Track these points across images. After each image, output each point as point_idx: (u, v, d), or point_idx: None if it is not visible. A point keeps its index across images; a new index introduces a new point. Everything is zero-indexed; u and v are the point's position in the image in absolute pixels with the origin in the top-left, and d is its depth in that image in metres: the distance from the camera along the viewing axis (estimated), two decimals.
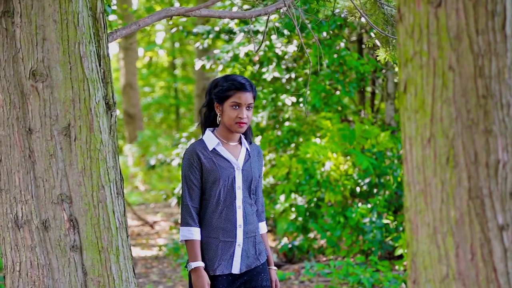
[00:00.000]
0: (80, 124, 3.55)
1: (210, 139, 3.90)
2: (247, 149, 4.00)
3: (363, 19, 4.72)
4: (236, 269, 3.88)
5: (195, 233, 3.84)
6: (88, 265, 3.62)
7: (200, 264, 3.81)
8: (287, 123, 9.66)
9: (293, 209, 8.99)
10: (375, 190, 8.70)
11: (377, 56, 4.98)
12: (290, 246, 8.84)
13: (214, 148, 3.88)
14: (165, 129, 26.30)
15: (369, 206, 8.46)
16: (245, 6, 8.95)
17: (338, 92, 9.24)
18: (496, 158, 2.16)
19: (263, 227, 4.11)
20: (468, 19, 2.16)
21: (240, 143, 4.00)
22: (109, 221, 3.63)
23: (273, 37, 8.99)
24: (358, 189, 8.74)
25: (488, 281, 2.17)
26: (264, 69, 9.34)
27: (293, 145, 9.56)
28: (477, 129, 2.17)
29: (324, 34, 8.84)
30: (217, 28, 9.72)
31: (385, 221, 8.36)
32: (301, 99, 9.07)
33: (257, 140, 9.82)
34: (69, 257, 3.60)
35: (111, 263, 3.63)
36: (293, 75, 9.44)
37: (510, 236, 2.16)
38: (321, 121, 9.15)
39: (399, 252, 7.89)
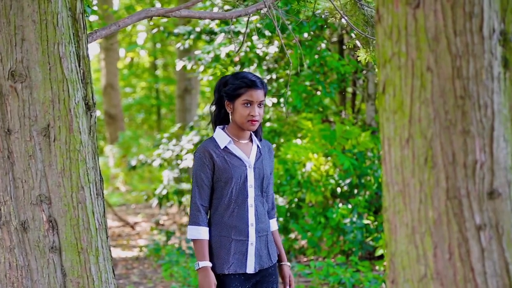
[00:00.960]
0: (60, 124, 3.54)
1: (221, 137, 3.86)
2: (258, 146, 3.96)
3: (343, 20, 4.73)
4: (250, 268, 3.85)
5: (203, 232, 3.80)
6: (67, 266, 3.60)
7: (208, 264, 3.77)
8: (268, 124, 9.67)
9: None
10: (355, 191, 8.72)
11: (358, 57, 4.99)
12: None
13: (225, 146, 3.84)
14: (146, 130, 26.22)
15: (349, 206, 8.48)
16: (226, 7, 8.95)
17: (319, 93, 9.26)
18: (473, 158, 2.18)
19: (274, 224, 4.08)
20: (446, 21, 2.18)
21: (251, 140, 3.96)
22: (89, 222, 3.61)
23: (254, 38, 8.99)
24: (339, 189, 8.76)
25: (466, 280, 2.18)
26: (245, 70, 9.33)
27: (274, 145, 9.57)
28: (455, 129, 2.18)
29: (305, 35, 8.86)
30: (198, 29, 9.70)
31: (365, 221, 8.39)
32: (282, 100, 9.08)
33: None
34: (48, 258, 3.59)
35: (90, 264, 3.62)
36: (274, 76, 9.44)
37: (487, 236, 2.17)
38: (302, 121, 9.16)
39: (379, 252, 7.92)
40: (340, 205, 8.68)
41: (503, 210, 2.19)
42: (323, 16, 7.04)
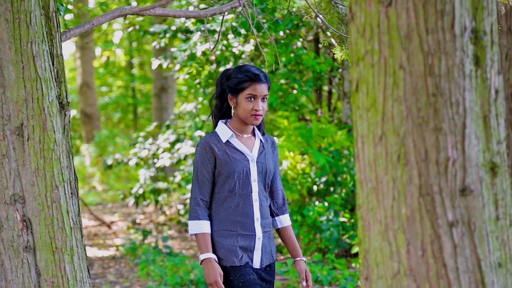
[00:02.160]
0: (33, 123, 3.52)
1: (224, 131, 3.82)
2: (261, 140, 3.91)
3: (318, 18, 4.75)
4: (257, 263, 3.81)
5: (204, 226, 3.74)
6: (41, 265, 3.59)
7: (212, 255, 3.70)
8: None
9: None
10: (332, 189, 8.75)
11: (334, 55, 5.01)
12: None
13: (227, 140, 3.79)
14: (123, 129, 26.14)
15: (326, 204, 8.51)
16: (202, 6, 8.94)
17: (295, 91, 9.27)
18: (445, 155, 2.19)
19: (287, 220, 4.02)
20: (418, 19, 2.19)
21: (254, 134, 3.91)
22: (63, 221, 3.60)
23: (230, 36, 8.99)
24: (315, 187, 8.78)
25: (438, 277, 2.20)
26: (221, 68, 9.32)
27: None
28: (427, 127, 2.20)
29: (281, 33, 8.86)
30: (174, 28, 9.68)
31: (342, 219, 8.42)
32: None
33: None
34: (22, 258, 3.57)
35: (65, 264, 3.60)
36: None
37: (460, 233, 2.19)
38: (278, 120, 9.17)
39: (355, 250, 7.95)
40: (317, 203, 8.70)
41: (475, 206, 2.20)
42: (299, 13, 7.04)
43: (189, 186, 10.97)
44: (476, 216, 2.20)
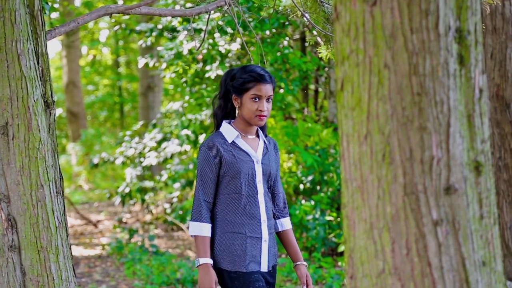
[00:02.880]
0: (18, 122, 3.51)
1: (229, 131, 3.76)
2: (264, 142, 3.87)
3: (304, 17, 4.75)
4: (264, 266, 3.76)
5: (205, 229, 3.67)
6: (27, 265, 3.57)
7: (209, 261, 3.65)
8: None
9: None
10: (318, 187, 8.76)
11: (320, 53, 5.01)
12: None
13: (233, 141, 3.73)
14: (109, 128, 26.09)
15: (312, 203, 8.52)
16: (188, 4, 8.93)
17: (281, 90, 9.28)
18: (430, 154, 2.20)
19: (288, 223, 3.98)
20: (402, 18, 2.19)
21: (258, 136, 3.86)
22: (48, 220, 3.59)
23: (217, 35, 8.99)
24: (301, 186, 8.79)
25: (423, 275, 2.20)
26: (207, 67, 9.33)
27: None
28: (412, 126, 2.20)
29: (267, 32, 8.87)
30: (160, 26, 9.67)
31: (328, 218, 8.43)
32: None
33: (201, 138, 9.80)
34: (7, 257, 3.56)
35: (50, 263, 3.59)
36: None
37: (444, 231, 2.20)
38: None
39: (342, 248, 7.97)
40: (303, 201, 8.71)
41: (460, 205, 2.21)
42: (285, 13, 7.05)
43: (176, 185, 10.97)
44: (460, 215, 2.21)
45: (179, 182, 10.92)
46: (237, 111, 3.79)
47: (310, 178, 8.70)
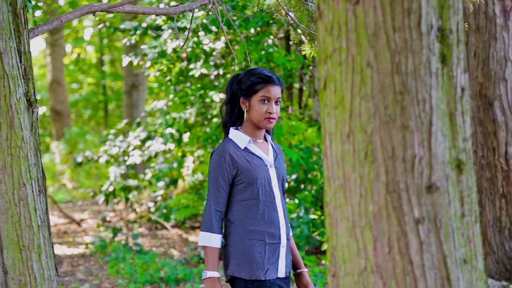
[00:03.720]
0: (1, 120, 3.49)
1: (240, 137, 3.65)
2: (272, 146, 3.79)
3: (289, 16, 4.75)
4: (281, 272, 3.65)
5: (215, 240, 3.56)
6: (8, 264, 3.56)
7: (216, 274, 3.54)
8: (215, 120, 9.66)
9: None
10: (302, 186, 8.77)
11: (304, 52, 5.02)
12: None
13: (245, 147, 3.64)
14: (93, 126, 26.01)
15: (296, 201, 8.53)
16: (172, 3, 8.91)
17: None
18: (412, 153, 2.21)
19: (289, 231, 3.83)
20: (385, 17, 2.20)
21: (266, 140, 3.78)
22: (31, 219, 3.58)
23: (201, 33, 8.98)
24: (285, 184, 8.79)
25: (405, 273, 2.21)
26: (192, 66, 9.32)
27: (221, 141, 9.56)
28: (394, 124, 2.21)
29: (252, 30, 8.87)
30: (144, 25, 9.65)
31: (312, 216, 8.44)
32: None
33: (186, 136, 9.80)
34: None
35: (32, 262, 3.58)
36: (221, 72, 9.44)
37: (426, 229, 2.21)
38: None
39: (325, 247, 7.98)
40: (287, 200, 8.72)
41: (441, 203, 2.22)
42: (269, 11, 7.05)
43: (160, 184, 10.96)
44: (442, 213, 2.22)
45: (163, 181, 10.91)
46: (245, 115, 3.69)
47: (294, 176, 8.71)
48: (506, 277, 6.59)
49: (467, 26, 6.50)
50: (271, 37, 9.32)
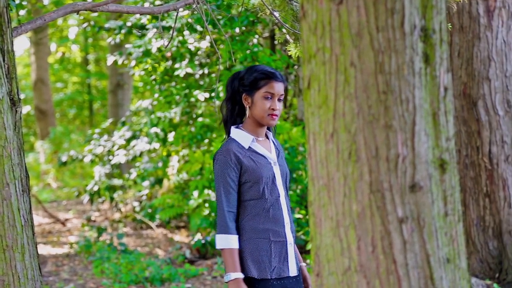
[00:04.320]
0: None
1: (243, 136, 3.60)
2: (274, 143, 3.75)
3: (273, 15, 4.75)
4: (293, 271, 3.62)
5: (232, 241, 3.50)
6: None
7: (241, 275, 3.47)
8: (200, 119, 9.65)
9: (206, 204, 8.99)
10: None
11: (289, 51, 5.02)
12: (203, 241, 8.84)
13: (249, 146, 3.60)
14: (78, 125, 25.91)
15: None
16: (157, 2, 8.90)
17: None
18: (396, 152, 2.21)
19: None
20: (368, 17, 2.21)
21: (267, 137, 3.73)
22: (14, 219, 3.56)
23: (186, 32, 8.96)
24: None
25: (388, 272, 2.22)
26: (177, 65, 9.31)
27: (206, 140, 9.56)
28: (378, 124, 2.22)
29: (237, 30, 8.86)
30: (129, 24, 9.63)
31: (297, 215, 8.45)
32: (213, 95, 9.07)
33: (170, 136, 9.78)
34: None
35: (16, 262, 3.57)
36: (206, 71, 9.43)
37: (409, 229, 2.21)
38: None
39: (310, 246, 7.98)
40: None
41: (424, 202, 2.23)
42: (254, 11, 7.05)
43: (145, 183, 10.94)
44: (425, 212, 2.23)
45: (148, 180, 10.89)
46: (247, 112, 3.64)
47: None
48: (490, 276, 6.62)
49: (450, 26, 6.52)
50: (256, 36, 9.32)
